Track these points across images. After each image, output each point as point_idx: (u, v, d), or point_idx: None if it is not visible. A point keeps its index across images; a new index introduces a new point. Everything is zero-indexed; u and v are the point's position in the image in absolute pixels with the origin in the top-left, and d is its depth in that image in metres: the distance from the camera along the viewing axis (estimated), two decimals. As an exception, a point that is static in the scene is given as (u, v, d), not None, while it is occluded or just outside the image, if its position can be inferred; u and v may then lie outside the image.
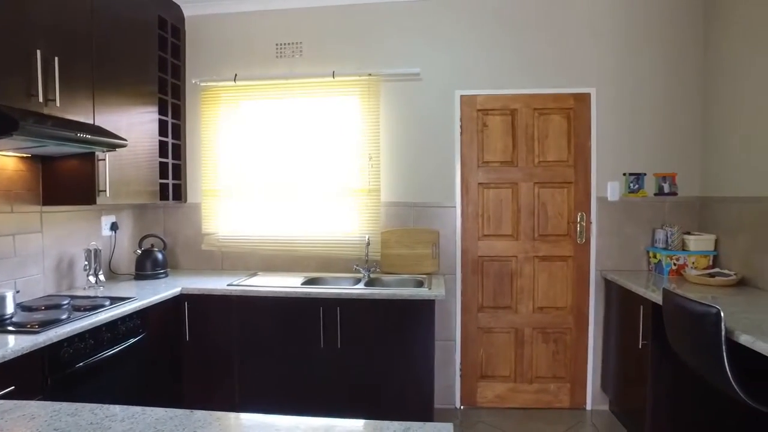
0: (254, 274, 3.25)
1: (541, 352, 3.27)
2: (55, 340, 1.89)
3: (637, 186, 3.17)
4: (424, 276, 3.13)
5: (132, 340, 2.37)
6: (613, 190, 3.18)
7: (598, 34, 3.14)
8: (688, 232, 3.04)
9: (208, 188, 3.41)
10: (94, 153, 2.46)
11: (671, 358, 2.43)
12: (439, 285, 2.85)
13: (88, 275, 2.74)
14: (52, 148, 2.24)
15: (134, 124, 2.80)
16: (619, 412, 3.08)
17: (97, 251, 2.76)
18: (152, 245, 3.19)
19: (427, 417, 2.67)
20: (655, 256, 3.07)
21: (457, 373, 3.29)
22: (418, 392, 2.69)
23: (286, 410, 2.03)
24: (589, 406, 3.25)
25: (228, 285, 2.87)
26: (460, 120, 3.24)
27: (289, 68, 3.35)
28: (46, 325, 1.95)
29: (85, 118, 2.38)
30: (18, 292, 2.27)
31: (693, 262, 2.90)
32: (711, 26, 3.02)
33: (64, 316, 2.07)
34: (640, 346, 2.60)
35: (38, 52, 2.07)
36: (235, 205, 3.39)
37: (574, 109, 3.18)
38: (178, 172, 3.34)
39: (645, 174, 3.16)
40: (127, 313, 2.33)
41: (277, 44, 3.36)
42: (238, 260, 3.44)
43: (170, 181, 3.20)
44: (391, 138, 3.28)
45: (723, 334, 1.77)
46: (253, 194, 3.37)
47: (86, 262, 2.73)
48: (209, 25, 3.40)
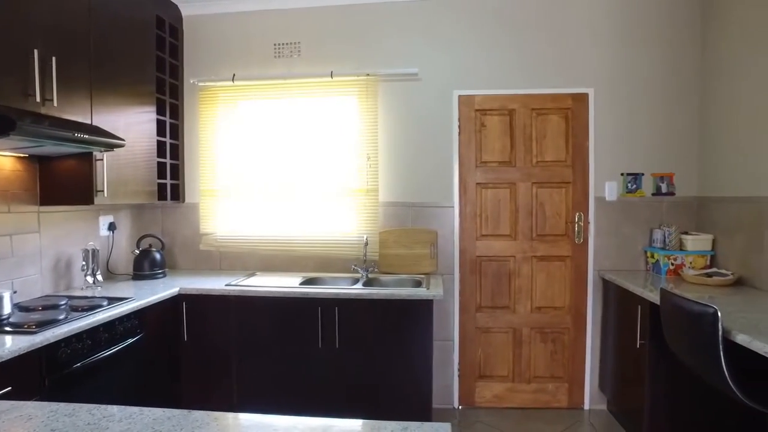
0: (252, 274, 3.24)
1: (539, 352, 3.27)
2: (52, 341, 1.88)
3: (634, 186, 3.17)
4: (422, 276, 3.13)
5: (130, 341, 2.37)
6: (611, 190, 3.18)
7: (597, 35, 3.15)
8: (686, 232, 3.05)
9: (206, 188, 3.40)
10: (91, 153, 2.46)
11: (669, 358, 2.44)
12: (437, 285, 2.85)
13: (86, 275, 2.74)
14: (50, 148, 2.24)
15: (132, 124, 2.80)
16: (617, 412, 3.08)
17: (94, 251, 2.76)
18: (150, 245, 3.19)
19: (426, 417, 2.68)
20: (652, 256, 3.08)
21: (455, 373, 3.30)
22: (417, 392, 2.69)
23: (285, 410, 2.04)
24: (587, 406, 3.25)
25: (226, 285, 2.87)
26: (459, 120, 3.24)
27: (288, 68, 3.34)
28: (44, 325, 1.94)
29: (82, 118, 2.38)
30: (15, 293, 2.27)
31: (690, 262, 2.91)
32: (709, 26, 3.03)
33: (62, 317, 2.06)
34: (638, 346, 2.61)
35: (35, 51, 2.06)
36: (233, 205, 3.39)
37: (572, 109, 3.19)
38: (176, 172, 3.34)
39: (643, 174, 3.17)
40: (124, 314, 2.33)
41: (275, 44, 3.36)
42: (236, 260, 3.44)
43: (168, 181, 3.20)
44: (390, 138, 3.28)
45: (720, 334, 1.78)
46: (251, 194, 3.37)
47: (84, 263, 2.73)
48: (207, 25, 3.40)
